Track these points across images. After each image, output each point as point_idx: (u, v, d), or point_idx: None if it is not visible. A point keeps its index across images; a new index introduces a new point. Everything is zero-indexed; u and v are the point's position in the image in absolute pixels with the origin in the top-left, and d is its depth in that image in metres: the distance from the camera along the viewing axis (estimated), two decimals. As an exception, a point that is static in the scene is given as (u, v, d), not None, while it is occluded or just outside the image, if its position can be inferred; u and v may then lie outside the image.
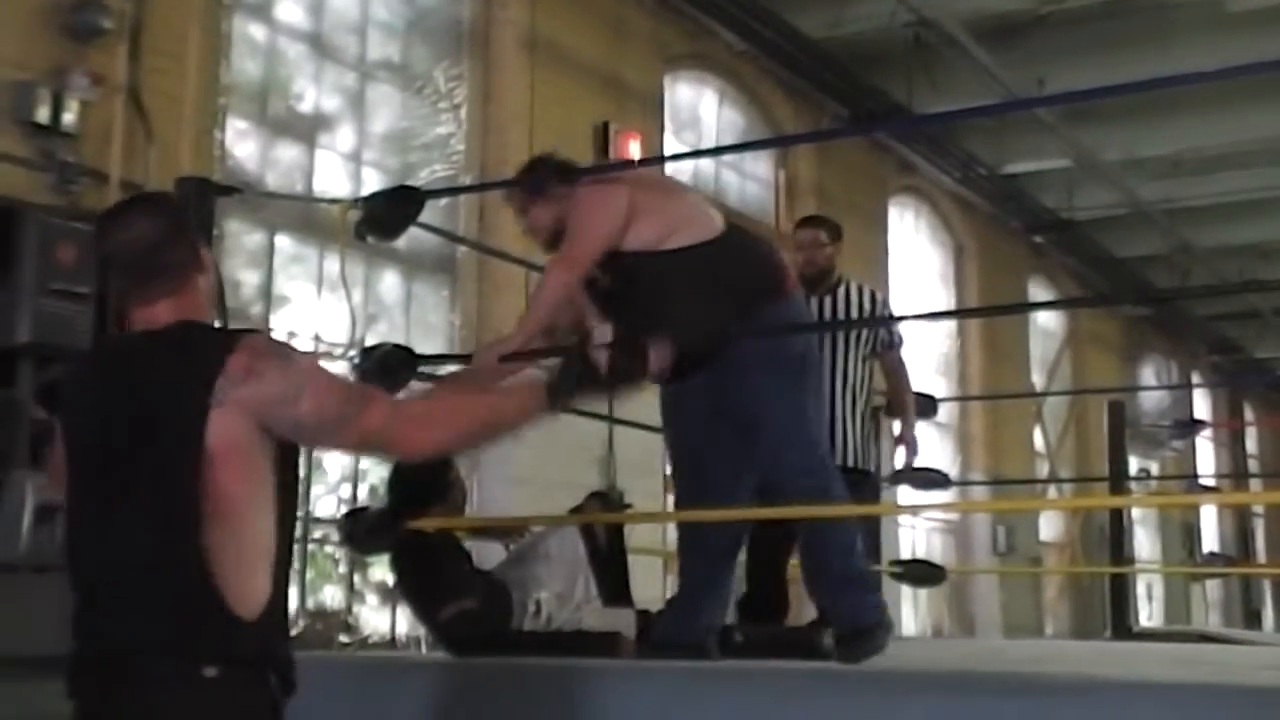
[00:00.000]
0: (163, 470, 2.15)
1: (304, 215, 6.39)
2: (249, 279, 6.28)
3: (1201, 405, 18.32)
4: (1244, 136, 11.42)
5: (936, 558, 10.90)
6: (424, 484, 4.16)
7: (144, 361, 2.24)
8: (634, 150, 7.89)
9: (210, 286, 2.38)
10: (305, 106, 6.69)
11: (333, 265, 6.08)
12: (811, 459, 3.86)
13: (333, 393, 2.26)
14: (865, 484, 5.07)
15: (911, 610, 11.30)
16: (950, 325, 12.67)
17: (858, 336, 5.06)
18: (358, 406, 2.27)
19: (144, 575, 2.14)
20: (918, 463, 5.45)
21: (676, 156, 9.22)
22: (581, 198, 3.80)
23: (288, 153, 6.55)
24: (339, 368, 5.96)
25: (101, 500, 2.21)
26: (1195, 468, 17.34)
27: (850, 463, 4.91)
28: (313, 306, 6.42)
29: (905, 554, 10.15)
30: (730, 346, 3.80)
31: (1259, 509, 19.47)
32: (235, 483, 2.15)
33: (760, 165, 10.05)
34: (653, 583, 7.34)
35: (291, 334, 6.23)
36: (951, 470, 11.20)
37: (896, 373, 5.32)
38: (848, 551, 3.83)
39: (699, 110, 9.54)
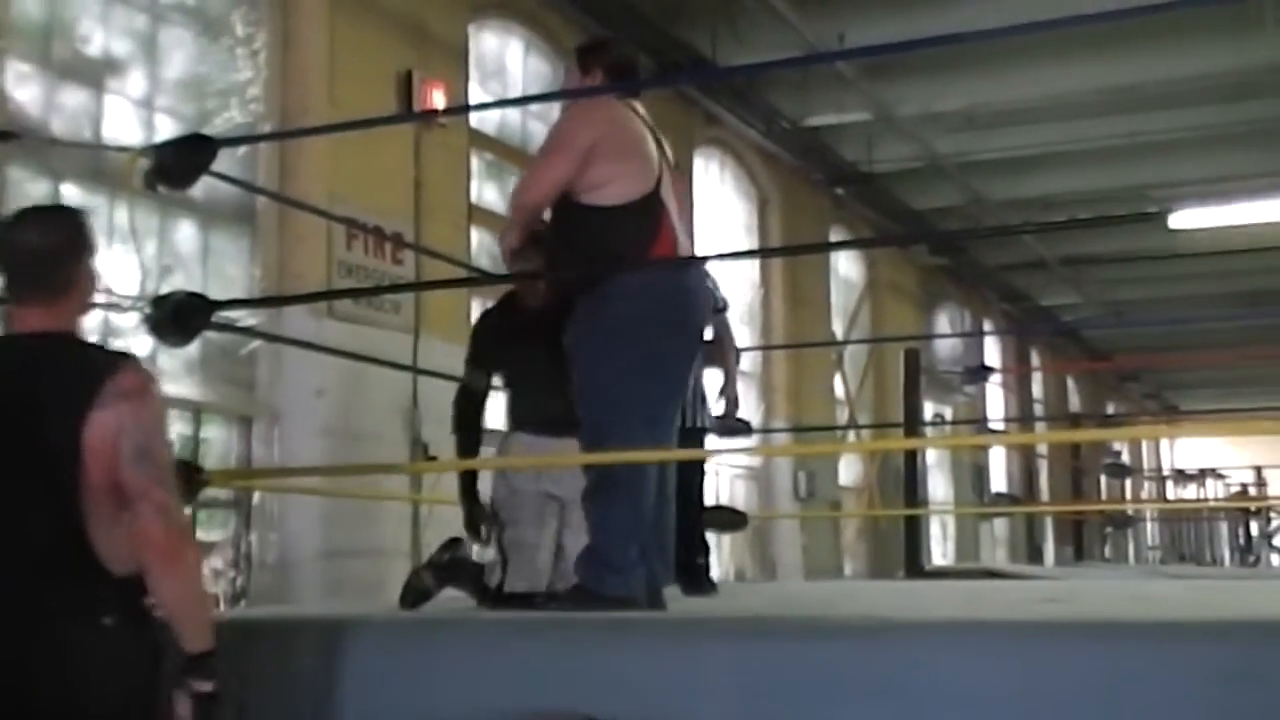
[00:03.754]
0: (48, 460, 2.60)
1: (92, 163, 6.14)
2: (34, 229, 6.02)
3: (992, 352, 19.07)
4: (1033, 92, 11.85)
5: (739, 503, 11.15)
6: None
7: (36, 365, 2.68)
8: (438, 100, 7.80)
9: (89, 299, 2.85)
10: (93, 50, 6.43)
11: (123, 216, 5.88)
12: (602, 439, 4.04)
13: (166, 454, 2.73)
14: (695, 440, 5.46)
15: (715, 555, 11.52)
16: (754, 275, 12.89)
17: None
18: (169, 484, 2.67)
19: (41, 550, 2.61)
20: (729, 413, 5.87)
21: (482, 106, 9.14)
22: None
23: (74, 98, 6.29)
24: (131, 320, 5.80)
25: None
26: (985, 412, 18.06)
27: (687, 423, 5.25)
28: (102, 258, 6.20)
29: (709, 500, 10.32)
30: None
31: (1043, 450, 20.37)
32: (105, 473, 2.59)
33: (566, 115, 10.00)
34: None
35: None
36: (755, 418, 11.45)
37: (724, 334, 5.90)
38: (607, 528, 4.01)
39: (504, 60, 9.48)
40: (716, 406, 5.85)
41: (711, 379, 5.89)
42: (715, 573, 6.07)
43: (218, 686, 2.64)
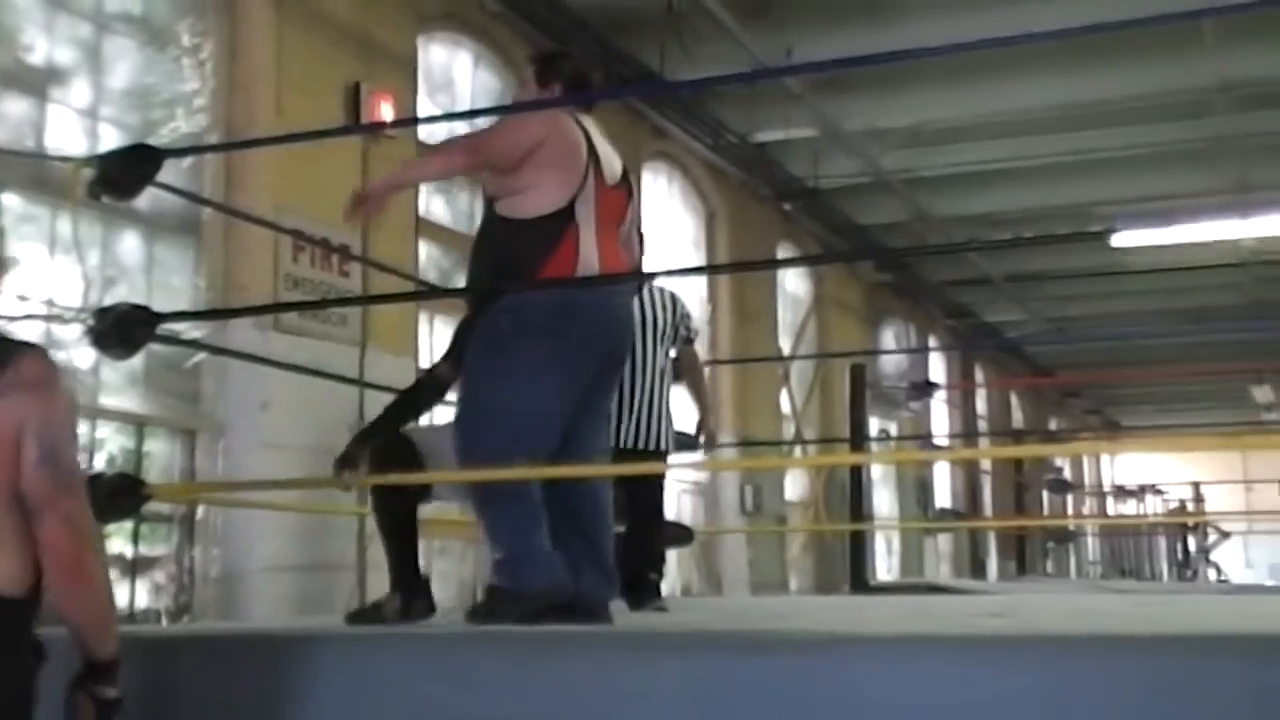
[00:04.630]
0: None
1: (35, 173, 6.08)
2: (-27, 239, 5.95)
3: (937, 368, 19.21)
4: (979, 109, 11.97)
5: (686, 518, 11.16)
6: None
7: None
8: (386, 112, 7.77)
9: None
10: (36, 58, 6.36)
11: (66, 226, 5.81)
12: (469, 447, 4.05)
13: (74, 454, 2.48)
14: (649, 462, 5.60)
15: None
16: (702, 291, 12.92)
17: (661, 331, 5.67)
18: (77, 489, 2.43)
19: None
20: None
21: (430, 119, 9.12)
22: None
23: (17, 106, 6.22)
24: (73, 332, 5.73)
25: None
26: (930, 428, 18.19)
27: (640, 444, 5.47)
28: (45, 269, 6.13)
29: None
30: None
31: (986, 466, 20.53)
32: (3, 474, 2.33)
33: (515, 129, 9.98)
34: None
35: (21, 298, 5.94)
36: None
37: (694, 364, 6.04)
38: (500, 529, 4.04)
39: (453, 72, 9.46)
40: (696, 439, 6.04)
41: (678, 402, 5.92)
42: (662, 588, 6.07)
43: (122, 693, 2.52)
